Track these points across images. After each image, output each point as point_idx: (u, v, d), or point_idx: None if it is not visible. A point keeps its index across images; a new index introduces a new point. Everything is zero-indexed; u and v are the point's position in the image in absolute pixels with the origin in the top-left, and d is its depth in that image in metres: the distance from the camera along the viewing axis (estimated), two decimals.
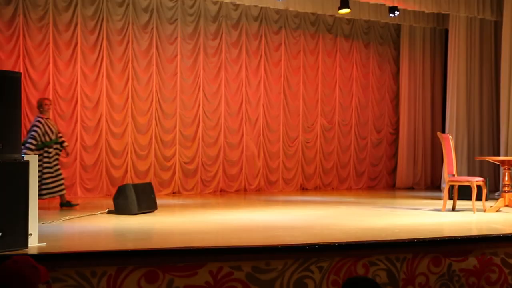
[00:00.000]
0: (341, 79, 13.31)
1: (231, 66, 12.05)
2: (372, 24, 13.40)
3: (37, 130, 8.54)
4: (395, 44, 13.91)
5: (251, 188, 12.22)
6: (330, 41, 13.13)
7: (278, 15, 12.46)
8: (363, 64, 13.56)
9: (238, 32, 12.08)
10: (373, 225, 6.88)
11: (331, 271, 5.15)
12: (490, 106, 12.55)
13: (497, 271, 5.67)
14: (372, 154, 13.70)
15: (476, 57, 12.52)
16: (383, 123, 13.87)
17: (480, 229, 6.89)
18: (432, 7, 11.32)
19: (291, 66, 12.70)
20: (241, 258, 4.95)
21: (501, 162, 8.54)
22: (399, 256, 5.37)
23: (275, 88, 12.55)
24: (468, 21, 12.42)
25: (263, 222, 7.26)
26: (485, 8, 11.83)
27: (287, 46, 12.63)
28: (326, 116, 13.16)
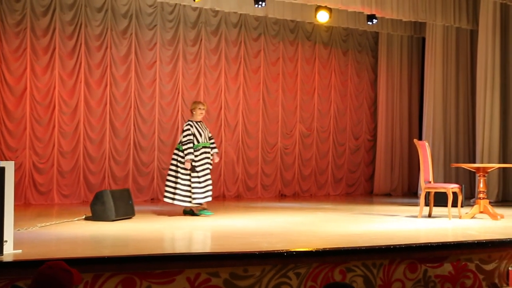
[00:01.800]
0: (320, 86, 13.39)
1: (210, 72, 12.07)
2: (351, 31, 13.50)
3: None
4: (373, 51, 14.04)
5: (230, 195, 12.22)
6: (309, 48, 13.21)
7: (258, 22, 12.51)
8: (341, 71, 13.65)
9: (218, 39, 12.11)
10: (350, 232, 6.93)
11: (308, 278, 5.18)
12: (466, 114, 12.71)
13: (471, 277, 5.74)
14: (350, 160, 13.79)
15: (453, 65, 12.67)
16: (361, 130, 13.97)
17: (455, 235, 6.97)
18: (410, 15, 11.45)
19: (270, 72, 12.75)
20: (219, 265, 4.96)
21: (477, 169, 8.65)
22: (375, 262, 5.41)
23: (254, 94, 12.59)
24: (445, 30, 12.59)
25: (241, 228, 7.27)
26: (461, 17, 12.00)
27: (266, 52, 12.68)
28: (305, 122, 13.22)
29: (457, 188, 8.48)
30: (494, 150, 11.41)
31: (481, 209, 8.32)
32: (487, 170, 8.58)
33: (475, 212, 8.35)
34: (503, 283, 5.85)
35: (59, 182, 10.55)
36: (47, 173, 10.42)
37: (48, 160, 10.43)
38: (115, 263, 4.78)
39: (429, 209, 8.65)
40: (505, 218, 8.26)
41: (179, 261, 4.90)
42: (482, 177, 8.41)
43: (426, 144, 8.84)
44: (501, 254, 5.90)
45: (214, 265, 4.94)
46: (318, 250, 5.34)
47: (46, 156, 10.43)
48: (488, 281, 5.79)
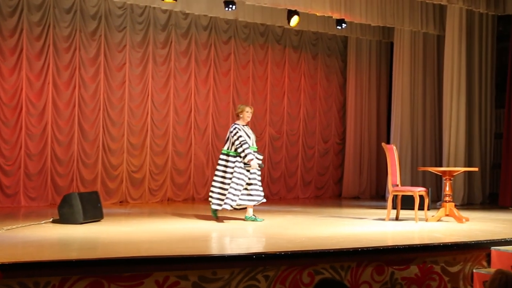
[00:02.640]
0: (290, 89, 13.46)
1: (180, 75, 12.05)
2: (320, 35, 13.61)
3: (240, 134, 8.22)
4: (342, 55, 14.16)
5: (199, 197, 12.20)
6: (279, 52, 13.27)
7: (228, 25, 12.53)
8: (311, 75, 13.75)
9: (188, 41, 12.09)
10: (319, 234, 6.98)
11: (277, 280, 5.21)
12: (433, 118, 12.89)
13: (437, 279, 5.84)
14: (319, 163, 13.88)
15: (420, 70, 12.86)
16: (330, 133, 14.08)
17: (421, 238, 7.06)
18: (378, 20, 11.58)
19: (240, 76, 12.78)
20: (188, 268, 4.96)
21: (443, 172, 8.77)
22: (343, 264, 5.47)
23: (224, 97, 12.60)
24: (412, 35, 12.77)
25: (210, 231, 7.27)
26: (428, 23, 12.18)
27: (236, 56, 12.71)
28: (274, 125, 13.27)
29: (423, 191, 8.59)
30: (460, 154, 11.60)
31: (447, 212, 8.44)
32: (453, 173, 8.72)
33: (441, 215, 8.47)
34: (467, 285, 5.95)
35: (26, 184, 10.41)
36: (14, 176, 10.29)
37: (15, 162, 10.29)
38: (82, 266, 4.75)
39: (396, 212, 8.75)
40: (470, 221, 8.40)
41: (147, 264, 4.89)
42: (448, 180, 8.54)
43: (393, 147, 8.95)
44: (466, 257, 6.00)
45: (183, 268, 4.94)
46: (287, 252, 5.37)
47: (13, 158, 10.29)
48: (453, 283, 5.89)
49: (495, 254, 6.08)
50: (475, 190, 11.82)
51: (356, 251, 5.64)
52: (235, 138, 8.25)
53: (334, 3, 10.79)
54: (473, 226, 7.93)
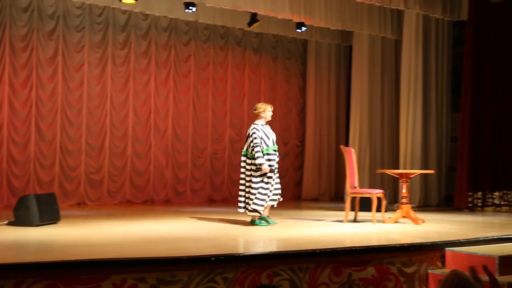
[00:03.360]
0: (250, 91, 13.50)
1: (140, 76, 11.97)
2: (280, 38, 13.68)
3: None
4: (302, 58, 14.26)
5: (159, 199, 12.14)
6: (239, 54, 13.30)
7: (188, 26, 12.50)
8: (271, 78, 13.81)
9: (147, 42, 12.02)
10: (278, 236, 7.02)
11: (235, 282, 5.22)
12: (390, 121, 13.08)
13: (393, 280, 5.92)
14: (279, 166, 13.86)
15: (378, 73, 13.04)
16: (290, 135, 14.16)
17: (379, 239, 7.15)
18: (337, 24, 11.71)
19: (200, 77, 12.76)
20: (146, 270, 4.93)
21: (399, 175, 8.91)
22: (302, 266, 5.50)
23: (184, 99, 12.56)
24: (371, 39, 12.95)
25: (169, 233, 7.24)
26: (386, 27, 12.37)
27: (196, 57, 12.68)
28: (235, 127, 13.28)
29: (381, 193, 8.70)
30: (417, 156, 11.80)
31: (404, 214, 8.57)
32: (410, 176, 8.86)
33: (398, 216, 8.60)
34: (422, 285, 6.06)
35: None
36: None
37: None
38: (38, 269, 4.68)
39: (354, 214, 8.85)
40: (426, 222, 8.54)
41: (105, 266, 4.84)
42: (405, 182, 8.67)
43: (352, 150, 9.05)
44: (421, 258, 6.11)
45: (141, 270, 4.90)
46: (246, 254, 5.39)
47: None
48: (409, 284, 5.98)
49: (450, 255, 6.21)
50: (431, 192, 12.04)
51: (314, 252, 5.69)
52: (251, 139, 8.04)
53: (294, 6, 10.87)
54: (429, 227, 8.07)
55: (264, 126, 8.17)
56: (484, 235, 6.92)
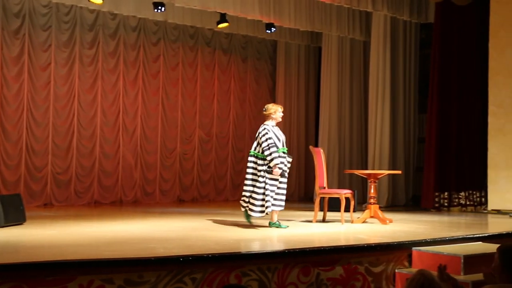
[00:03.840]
0: (219, 92, 13.48)
1: (108, 76, 11.86)
2: (250, 39, 13.69)
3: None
4: (272, 59, 14.30)
5: (127, 200, 12.04)
6: (208, 54, 13.27)
7: (157, 26, 12.43)
8: (240, 78, 13.82)
9: (116, 42, 11.92)
10: (247, 236, 7.02)
11: (204, 282, 5.21)
12: (359, 122, 13.18)
13: (361, 279, 5.97)
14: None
15: (347, 75, 13.13)
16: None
17: (347, 239, 7.20)
18: (306, 25, 11.76)
19: (169, 77, 12.70)
20: (113, 271, 4.89)
21: (368, 175, 8.97)
22: (270, 266, 5.51)
23: (153, 99, 12.49)
24: (340, 40, 13.04)
25: (137, 234, 7.19)
26: (355, 29, 12.47)
27: (165, 57, 12.62)
28: (204, 128, 13.26)
29: (349, 193, 8.76)
30: (385, 157, 11.92)
31: (372, 214, 8.64)
32: (378, 176, 8.94)
33: (366, 216, 8.67)
34: (390, 284, 6.12)
35: None
36: None
37: None
38: (3, 270, 4.61)
39: (323, 214, 8.90)
40: (393, 222, 8.63)
41: (71, 267, 4.79)
42: (373, 183, 8.75)
43: (321, 150, 9.09)
44: (389, 257, 6.17)
45: (108, 271, 4.86)
46: (214, 255, 5.37)
47: None
48: (376, 283, 6.04)
49: (416, 255, 6.28)
50: (399, 193, 12.17)
51: (283, 252, 5.71)
52: (263, 139, 7.74)
53: (264, 7, 10.89)
54: (396, 227, 8.15)
55: (274, 127, 7.93)
56: (450, 235, 7.02)
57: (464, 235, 7.05)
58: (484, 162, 10.83)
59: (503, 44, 10.69)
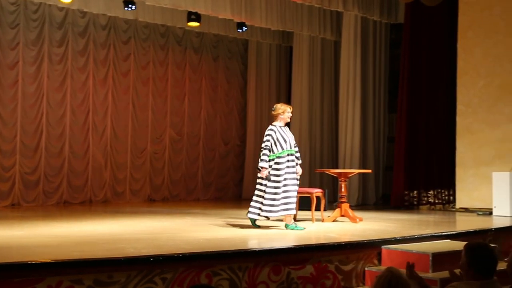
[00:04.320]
0: (190, 91, 13.44)
1: (78, 74, 11.74)
2: (221, 38, 13.67)
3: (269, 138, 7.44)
4: (243, 58, 14.30)
5: (97, 200, 11.94)
6: (179, 53, 13.22)
7: (127, 25, 12.35)
8: (212, 77, 13.79)
9: (86, 40, 11.81)
10: (218, 236, 7.00)
11: (174, 282, 5.18)
12: (330, 121, 13.26)
13: (331, 278, 6.00)
14: (219, 165, 13.93)
15: (318, 74, 13.20)
16: (231, 135, 14.17)
17: (318, 238, 7.23)
18: (278, 25, 11.79)
19: (140, 76, 12.62)
20: (82, 271, 4.83)
21: (338, 174, 9.02)
22: (241, 265, 5.51)
23: (123, 98, 12.40)
24: (311, 40, 13.10)
25: (107, 234, 7.13)
26: (325, 29, 12.54)
27: (136, 56, 12.54)
28: (175, 127, 13.20)
29: (320, 192, 8.79)
30: (355, 156, 12.00)
31: (342, 213, 8.69)
32: (348, 175, 8.99)
33: (337, 215, 8.71)
34: (359, 282, 6.16)
35: None
36: None
37: None
38: None
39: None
40: (363, 221, 8.69)
41: (39, 268, 4.72)
42: (343, 182, 8.79)
43: None
44: (358, 255, 6.21)
45: (77, 271, 4.81)
46: (185, 254, 5.35)
47: None
48: (346, 281, 6.07)
49: (386, 253, 6.34)
50: (369, 191, 12.27)
51: (254, 251, 5.71)
52: (264, 140, 7.54)
53: (235, 7, 10.89)
54: (366, 226, 8.20)
55: (282, 128, 7.66)
56: (419, 233, 7.09)
57: (432, 233, 7.13)
58: (453, 161, 10.98)
59: (471, 44, 10.84)
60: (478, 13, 10.82)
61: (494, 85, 10.59)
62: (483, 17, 10.77)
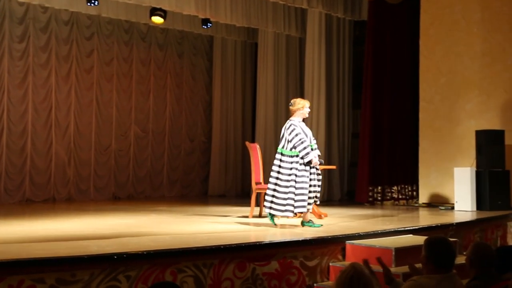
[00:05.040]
0: (155, 87, 13.35)
1: (40, 71, 11.57)
2: (186, 34, 13.61)
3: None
4: (208, 55, 14.26)
5: (61, 197, 11.79)
6: (144, 50, 13.12)
7: (90, 20, 12.20)
8: (177, 74, 13.72)
9: (47, 36, 11.64)
10: (183, 233, 6.98)
11: (139, 280, 5.15)
12: None
13: (296, 274, 6.03)
14: (185, 162, 13.88)
15: (283, 71, 13.23)
16: (196, 132, 14.13)
17: (283, 234, 7.24)
18: (243, 21, 11.78)
19: (104, 73, 12.49)
20: (44, 270, 4.77)
21: None
22: (206, 262, 5.50)
23: (87, 94, 12.25)
24: (276, 36, 13.12)
25: (70, 232, 7.04)
26: (290, 25, 12.58)
27: (100, 52, 12.40)
28: (140, 124, 13.10)
29: None
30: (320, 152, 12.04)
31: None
32: None
33: None
34: (324, 278, 6.21)
35: None
36: None
37: None
38: None
39: (259, 209, 8.93)
40: (328, 217, 8.74)
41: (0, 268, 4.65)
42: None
43: (257, 146, 9.13)
44: (323, 251, 6.26)
45: (39, 270, 4.74)
46: (149, 252, 5.32)
47: None
48: (311, 277, 6.11)
49: (350, 248, 6.40)
50: (334, 187, 12.36)
51: (219, 248, 5.70)
52: (293, 135, 7.33)
53: (200, 3, 10.84)
54: (331, 221, 8.25)
55: (300, 123, 7.55)
56: (382, 228, 7.18)
57: (395, 228, 7.21)
58: (416, 157, 11.13)
59: (432, 41, 11.00)
60: (439, 11, 10.97)
61: (455, 82, 10.76)
62: (445, 14, 10.93)
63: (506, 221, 8.83)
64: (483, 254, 4.15)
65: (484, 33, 10.53)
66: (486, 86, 10.49)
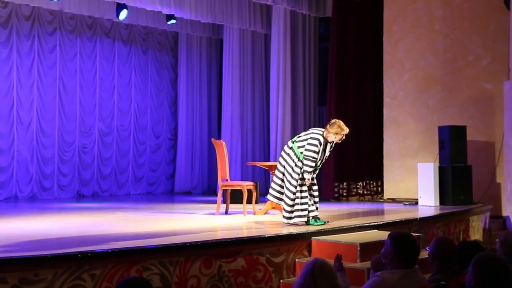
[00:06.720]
0: (120, 84, 13.23)
1: (1, 66, 11.34)
2: (151, 30, 13.51)
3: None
4: (173, 51, 14.18)
5: (23, 196, 11.60)
6: (108, 45, 12.98)
7: (53, 16, 12.01)
8: (141, 70, 13.61)
9: (8, 31, 11.42)
10: (148, 230, 6.94)
11: (104, 278, 5.10)
12: (261, 114, 13.34)
13: (262, 270, 6.04)
14: (150, 159, 13.79)
15: (249, 67, 13.23)
16: (162, 128, 14.04)
17: (249, 231, 7.25)
18: (208, 17, 11.74)
19: (67, 69, 12.32)
20: (6, 270, 4.69)
21: (269, 167, 9.09)
22: (172, 260, 5.47)
23: (49, 91, 12.07)
24: (241, 33, 13.11)
25: (33, 231, 6.93)
26: (256, 22, 12.58)
27: (62, 48, 12.22)
28: (104, 120, 12.97)
29: (251, 185, 8.82)
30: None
31: (273, 205, 8.72)
32: None
33: (268, 208, 8.77)
34: (290, 274, 6.23)
35: None
36: None
37: None
38: None
39: (226, 206, 8.93)
40: None
41: None
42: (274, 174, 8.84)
43: (223, 143, 9.10)
44: (289, 247, 6.28)
45: (1, 270, 4.66)
46: (114, 250, 5.27)
47: None
48: (277, 273, 6.13)
49: (315, 244, 6.43)
50: None
51: (185, 245, 5.67)
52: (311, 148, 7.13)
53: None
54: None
55: (326, 144, 7.29)
56: (348, 224, 7.23)
57: (360, 224, 7.28)
58: (381, 153, 11.25)
59: (396, 38, 11.12)
60: (402, 7, 11.10)
61: (418, 78, 10.91)
62: (407, 11, 11.06)
63: (469, 215, 8.98)
64: (445, 249, 4.20)
65: (446, 30, 10.69)
66: (448, 82, 10.66)
